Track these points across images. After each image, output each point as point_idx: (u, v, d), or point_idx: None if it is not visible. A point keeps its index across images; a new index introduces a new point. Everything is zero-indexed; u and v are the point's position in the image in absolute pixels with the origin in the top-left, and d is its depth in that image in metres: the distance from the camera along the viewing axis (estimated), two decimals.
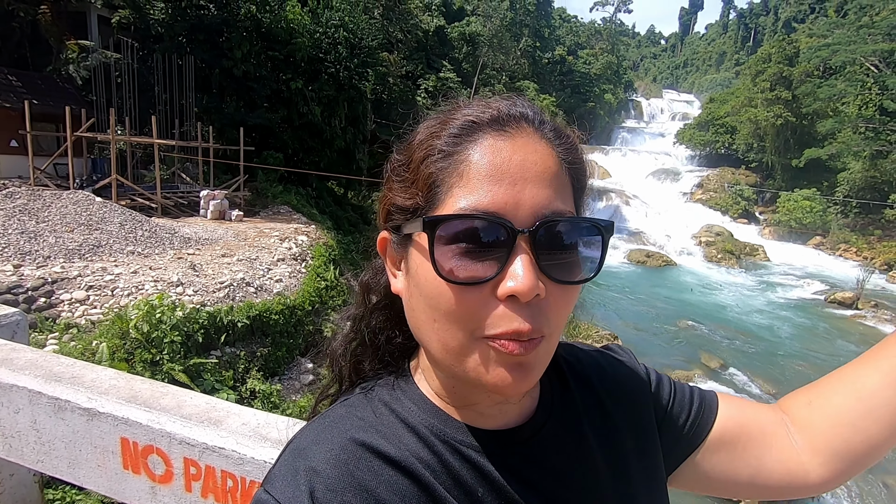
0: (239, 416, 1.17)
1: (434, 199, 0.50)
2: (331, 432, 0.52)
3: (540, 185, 0.48)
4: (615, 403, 0.64)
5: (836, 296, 19.87)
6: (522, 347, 0.47)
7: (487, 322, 0.47)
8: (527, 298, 0.45)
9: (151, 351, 6.64)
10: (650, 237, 27.83)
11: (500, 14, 45.58)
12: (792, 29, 61.96)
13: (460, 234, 0.47)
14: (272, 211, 16.09)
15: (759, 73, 34.73)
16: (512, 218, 0.47)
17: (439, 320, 0.49)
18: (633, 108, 64.13)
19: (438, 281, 0.48)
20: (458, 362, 0.50)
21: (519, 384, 0.48)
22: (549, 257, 0.48)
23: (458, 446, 0.53)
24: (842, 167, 29.84)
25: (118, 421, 1.18)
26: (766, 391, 12.08)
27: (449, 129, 0.51)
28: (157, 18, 17.85)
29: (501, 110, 0.52)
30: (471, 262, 0.47)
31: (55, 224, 9.20)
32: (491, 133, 0.50)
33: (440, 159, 0.50)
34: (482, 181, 0.48)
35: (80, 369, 1.34)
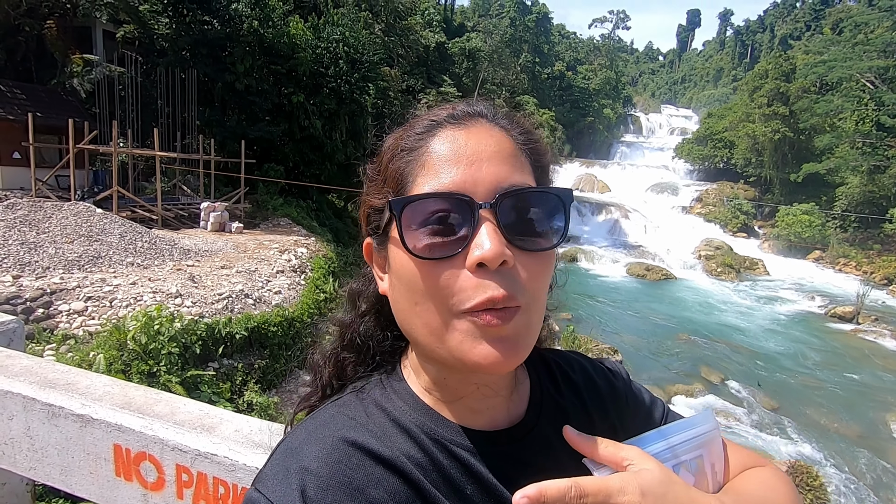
0: (232, 423, 1.17)
1: (402, 192, 0.53)
2: (322, 432, 0.53)
3: (496, 163, 0.52)
4: (599, 414, 0.65)
5: (837, 310, 19.81)
6: (499, 318, 0.48)
7: (462, 294, 0.49)
8: (494, 264, 0.48)
9: (149, 362, 6.61)
10: (650, 251, 27.82)
11: (500, 30, 46.26)
12: (788, 46, 62.77)
13: (426, 213, 0.50)
14: (272, 223, 16.14)
15: (756, 88, 35.07)
16: (472, 194, 0.50)
17: (419, 301, 0.51)
18: (632, 122, 64.62)
19: (411, 261, 0.51)
20: (441, 342, 0.51)
21: (503, 358, 0.49)
22: (514, 228, 0.50)
23: (449, 445, 0.54)
24: (840, 182, 29.97)
25: (111, 427, 1.18)
26: (768, 406, 11.97)
27: (412, 130, 0.56)
28: (161, 33, 18.11)
29: (458, 108, 0.57)
30: (440, 239, 0.50)
31: (55, 235, 9.22)
32: (448, 126, 0.54)
33: (404, 156, 0.54)
34: (442, 166, 0.51)
35: (74, 376, 1.34)
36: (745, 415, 11.53)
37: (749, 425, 11.15)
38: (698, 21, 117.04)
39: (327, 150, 19.87)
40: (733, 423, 11.10)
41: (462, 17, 53.63)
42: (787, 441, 10.59)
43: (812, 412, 11.92)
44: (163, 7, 18.17)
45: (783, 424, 11.25)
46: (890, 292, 23.45)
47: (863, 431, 11.23)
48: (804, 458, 9.72)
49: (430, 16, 42.22)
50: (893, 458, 10.25)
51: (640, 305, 19.68)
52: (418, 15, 38.31)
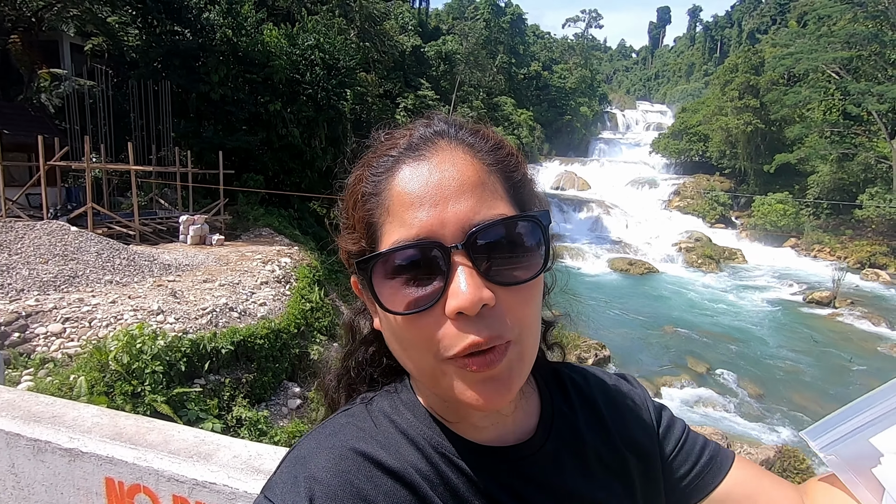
0: (230, 449, 1.13)
1: (374, 240, 0.52)
2: (331, 442, 0.53)
3: (461, 199, 0.48)
4: (619, 428, 0.64)
5: (814, 295, 20.33)
6: (486, 362, 0.47)
7: (444, 342, 0.47)
8: (473, 311, 0.45)
9: (132, 382, 6.44)
10: (632, 245, 28.20)
11: (475, 32, 46.46)
12: (756, 40, 64.32)
13: (397, 266, 0.48)
14: (254, 234, 15.91)
15: (727, 82, 35.86)
16: (441, 237, 0.47)
17: (407, 349, 0.51)
18: (609, 119, 65.48)
19: (392, 315, 0.50)
20: (434, 385, 0.51)
21: (494, 399, 0.48)
22: (493, 263, 0.48)
23: (456, 459, 0.53)
24: (811, 170, 30.80)
25: (102, 460, 1.14)
26: (754, 392, 12.22)
27: (371, 168, 0.53)
28: (131, 45, 17.76)
29: (415, 135, 0.54)
30: (416, 290, 0.48)
31: (28, 256, 8.95)
32: (407, 161, 0.51)
33: (368, 201, 0.52)
34: (406, 211, 0.49)
35: (60, 408, 1.29)
36: (732, 402, 11.75)
37: (736, 412, 11.36)
38: (668, 18, 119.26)
39: (307, 157, 19.69)
40: (721, 412, 11.29)
41: (437, 20, 53.73)
42: (773, 426, 10.82)
43: (796, 396, 12.19)
44: (132, 18, 17.84)
45: (769, 410, 11.48)
46: (863, 275, 24.15)
47: None
48: (790, 443, 9.93)
49: (405, 20, 42.23)
50: None
51: (624, 300, 19.92)
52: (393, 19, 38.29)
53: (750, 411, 11.41)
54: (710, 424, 10.22)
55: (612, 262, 25.35)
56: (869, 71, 29.30)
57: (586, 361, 12.82)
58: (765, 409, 11.51)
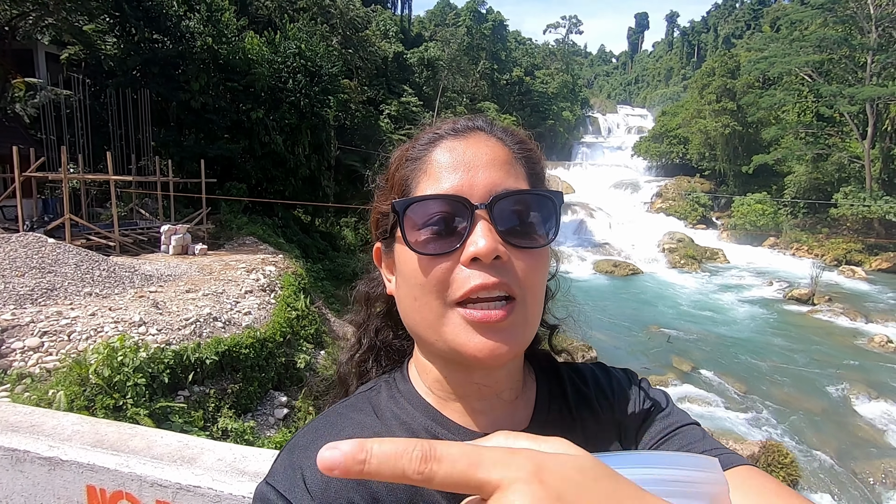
0: (214, 452, 1.13)
1: (406, 195, 0.58)
2: (329, 431, 0.56)
3: (491, 169, 0.56)
4: (612, 423, 0.65)
5: (794, 293, 20.76)
6: (490, 315, 0.51)
7: (456, 285, 0.52)
8: (488, 258, 0.51)
9: (114, 396, 6.31)
10: (616, 247, 28.52)
11: (457, 39, 46.76)
12: (731, 44, 65.85)
13: (427, 214, 0.54)
14: (237, 243, 15.73)
15: (704, 86, 36.63)
16: (469, 196, 0.54)
17: (418, 296, 0.55)
18: (591, 123, 66.37)
19: (414, 258, 0.54)
20: (438, 335, 0.54)
21: (499, 350, 0.52)
22: (508, 227, 0.54)
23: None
24: (788, 171, 31.55)
25: (83, 468, 1.12)
26: (738, 389, 12.41)
27: (417, 142, 0.61)
28: (108, 53, 17.50)
29: (459, 122, 0.62)
30: (439, 238, 0.53)
31: (4, 269, 8.72)
32: (449, 138, 0.59)
33: (409, 164, 0.59)
34: (442, 172, 0.56)
35: (39, 417, 1.27)
36: (717, 399, 11.91)
37: (721, 408, 11.52)
38: (647, 23, 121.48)
39: (290, 165, 19.56)
40: (706, 408, 11.44)
41: (419, 27, 53.98)
42: (757, 421, 10.99)
43: (778, 392, 12.41)
44: (109, 27, 17.58)
45: (753, 406, 11.67)
46: (840, 272, 24.75)
47: (827, 406, 11.77)
48: (774, 437, 10.10)
49: (387, 27, 42.33)
50: (856, 430, 10.77)
51: (609, 301, 20.11)
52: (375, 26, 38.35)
53: (734, 407, 11.58)
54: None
55: (596, 264, 25.59)
56: (840, 74, 30.20)
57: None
58: (749, 405, 11.69)
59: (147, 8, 17.21)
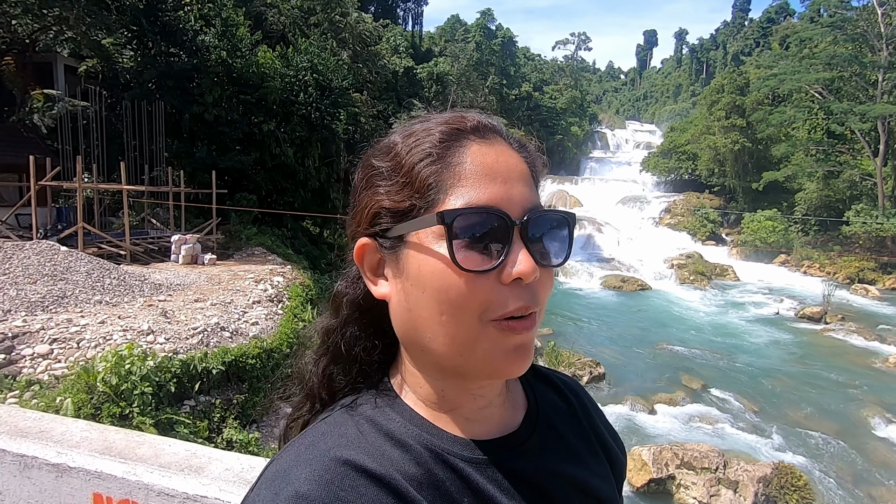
0: (221, 462, 1.12)
1: (431, 199, 0.53)
2: (312, 452, 0.51)
3: (523, 184, 0.55)
4: (585, 429, 0.68)
5: (806, 311, 20.46)
6: (527, 325, 0.52)
7: (498, 304, 0.51)
8: (530, 279, 0.51)
9: (121, 404, 6.31)
10: (624, 263, 28.34)
11: (466, 54, 47.31)
12: (740, 62, 65.99)
13: (469, 226, 0.51)
14: (246, 253, 15.84)
15: (713, 102, 36.65)
16: (509, 211, 0.52)
17: (448, 312, 0.51)
18: (599, 139, 66.48)
19: (449, 272, 0.51)
20: (467, 352, 0.53)
21: (521, 364, 0.53)
22: (535, 244, 0.53)
23: (446, 455, 0.54)
24: (798, 188, 31.31)
25: (90, 475, 1.11)
26: (749, 409, 12.17)
27: (435, 135, 0.55)
28: (125, 66, 17.88)
29: (479, 121, 0.58)
30: (477, 253, 0.51)
31: (17, 276, 8.83)
32: (475, 140, 0.56)
33: (433, 162, 0.54)
34: (478, 180, 0.53)
35: (48, 423, 1.26)
36: (728, 419, 11.69)
37: (732, 428, 11.29)
38: (655, 40, 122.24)
39: (300, 177, 19.75)
40: (717, 428, 11.23)
41: (430, 42, 54.74)
42: (770, 442, 10.75)
43: (791, 412, 12.16)
44: (127, 40, 17.99)
45: (764, 426, 11.43)
46: (853, 291, 24.39)
47: (841, 428, 11.50)
48: (787, 459, 9.87)
49: (397, 42, 42.95)
50: (872, 453, 10.50)
51: (618, 317, 19.92)
52: (385, 42, 38.93)
53: (745, 427, 11.34)
54: (705, 441, 10.13)
55: (604, 279, 25.43)
56: (850, 91, 30.11)
57: (581, 379, 12.74)
58: (760, 425, 11.45)
59: (164, 23, 17.61)
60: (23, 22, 15.81)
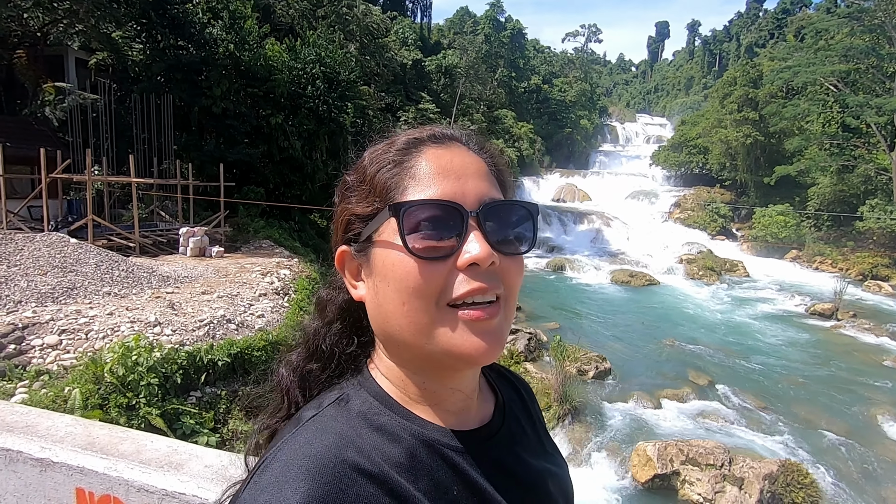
0: (201, 459, 1.12)
1: (390, 200, 0.58)
2: (308, 451, 0.51)
3: (478, 179, 0.59)
4: (537, 422, 0.75)
5: (817, 307, 20.19)
6: (486, 312, 0.54)
7: (454, 288, 0.54)
8: (485, 264, 0.54)
9: (127, 395, 6.40)
10: (632, 257, 28.14)
11: (475, 47, 46.97)
12: (754, 53, 64.91)
13: (422, 218, 0.54)
14: (254, 246, 15.94)
15: (726, 95, 36.10)
16: (463, 203, 0.56)
17: (408, 300, 0.55)
18: (609, 132, 65.86)
19: (407, 261, 0.54)
20: (430, 339, 0.55)
21: (491, 349, 0.55)
22: (495, 234, 0.57)
23: (436, 445, 0.57)
24: (811, 182, 30.81)
25: (73, 470, 1.12)
26: (757, 406, 12.07)
27: (395, 145, 0.61)
28: (134, 59, 17.97)
29: (437, 130, 0.63)
30: (433, 242, 0.54)
31: (27, 268, 8.96)
32: (431, 145, 0.60)
33: (391, 168, 0.59)
34: (432, 178, 0.57)
35: (34, 417, 1.27)
36: (735, 415, 11.60)
37: (738, 425, 11.21)
38: (667, 32, 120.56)
39: (308, 170, 19.79)
40: (723, 425, 11.16)
41: (438, 34, 54.39)
42: (776, 440, 10.67)
43: (799, 410, 12.05)
44: (136, 33, 18.07)
45: (772, 423, 11.34)
46: (865, 287, 24.03)
47: (850, 427, 11.37)
48: (794, 456, 9.79)
49: (406, 34, 42.74)
50: (881, 452, 10.38)
51: (625, 312, 19.82)
52: (394, 34, 38.76)
53: (752, 425, 11.25)
54: (712, 438, 10.08)
55: (612, 274, 25.27)
56: (867, 84, 29.49)
57: (587, 374, 12.71)
58: (768, 423, 11.36)
59: (173, 16, 17.65)
60: (34, 15, 15.93)
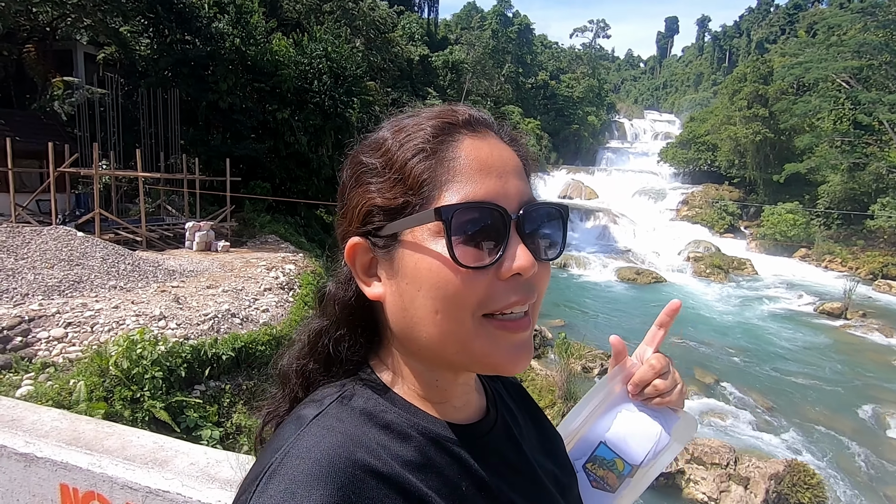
0: (187, 456, 1.09)
1: (426, 195, 0.52)
2: (314, 454, 0.47)
3: (518, 178, 0.55)
4: (522, 402, 0.75)
5: (826, 307, 19.98)
6: (524, 325, 0.53)
7: (494, 300, 0.51)
8: (529, 274, 0.51)
9: (132, 388, 6.43)
10: (639, 255, 27.97)
11: (482, 42, 46.78)
12: (765, 49, 64.13)
13: (466, 222, 0.50)
14: (259, 241, 15.98)
15: (735, 91, 35.69)
16: (506, 205, 0.52)
17: (443, 310, 0.51)
18: (617, 129, 65.42)
19: (446, 270, 0.50)
20: (462, 348, 0.52)
21: (524, 361, 0.54)
22: (531, 238, 0.54)
23: (444, 442, 0.55)
24: (822, 180, 30.43)
25: (57, 466, 1.10)
26: (763, 405, 11.97)
27: (427, 129, 0.54)
28: (142, 54, 18.03)
29: (471, 114, 0.57)
30: (475, 249, 0.51)
31: (34, 261, 9.03)
32: (467, 133, 0.55)
33: (426, 158, 0.53)
34: (473, 175, 0.52)
35: (21, 411, 1.25)
36: (740, 415, 11.52)
37: (745, 425, 11.13)
38: (676, 28, 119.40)
39: (313, 165, 19.80)
40: (729, 424, 11.08)
41: (445, 30, 54.18)
42: (783, 440, 10.58)
43: (807, 410, 11.94)
44: (143, 28, 18.12)
45: (779, 423, 11.25)
46: (875, 287, 23.74)
47: (857, 427, 11.26)
48: (801, 457, 9.70)
49: (413, 30, 42.60)
50: (888, 453, 10.27)
51: (631, 310, 19.71)
52: (400, 29, 38.63)
53: (759, 424, 11.17)
54: (717, 437, 10.00)
55: (619, 271, 25.13)
56: (880, 80, 29.03)
57: (592, 371, 12.65)
58: (774, 422, 11.27)
59: (179, 10, 17.68)
60: (43, 10, 16.00)
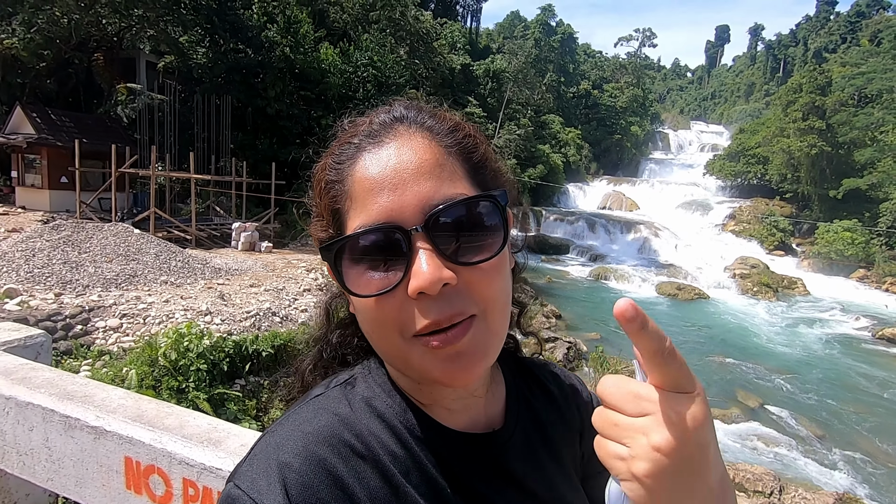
0: (239, 437, 1.17)
1: (340, 227, 0.53)
2: (305, 427, 0.52)
3: (420, 181, 0.50)
4: (573, 423, 0.68)
5: (885, 331, 18.74)
6: (448, 339, 0.48)
7: (410, 322, 0.49)
8: (433, 291, 0.47)
9: (178, 378, 6.75)
10: (681, 269, 27.05)
11: (524, 51, 46.67)
12: (823, 59, 61.13)
13: (361, 250, 0.50)
14: (301, 242, 16.45)
15: (790, 102, 34.17)
16: (401, 220, 0.48)
17: (372, 333, 0.53)
18: (661, 139, 63.76)
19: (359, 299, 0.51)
20: (404, 365, 0.52)
21: (460, 374, 0.49)
22: (454, 243, 0.49)
23: (432, 444, 0.54)
24: (884, 197, 28.65)
25: (123, 440, 1.20)
26: (812, 432, 11.32)
27: (334, 157, 0.55)
28: (198, 62, 18.99)
29: (374, 121, 0.55)
30: (380, 273, 0.49)
31: (95, 255, 9.63)
32: (368, 148, 0.53)
33: (332, 188, 0.54)
34: (367, 197, 0.50)
35: (92, 388, 1.37)
36: (789, 442, 10.93)
37: (793, 453, 10.55)
38: (727, 37, 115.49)
39: None
40: (774, 450, 10.53)
41: (487, 39, 54.46)
42: (835, 471, 9.96)
43: (862, 441, 11.20)
44: (200, 37, 19.12)
45: (830, 453, 10.60)
46: None
47: None
48: (853, 490, 9.11)
49: (455, 39, 43.02)
50: None
51: (670, 325, 19.07)
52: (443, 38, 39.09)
53: (807, 452, 10.56)
54: (760, 463, 9.53)
55: (659, 286, 24.39)
56: None
57: None
58: (825, 452, 10.62)
59: (232, 20, 18.56)
60: (111, 21, 17.16)
